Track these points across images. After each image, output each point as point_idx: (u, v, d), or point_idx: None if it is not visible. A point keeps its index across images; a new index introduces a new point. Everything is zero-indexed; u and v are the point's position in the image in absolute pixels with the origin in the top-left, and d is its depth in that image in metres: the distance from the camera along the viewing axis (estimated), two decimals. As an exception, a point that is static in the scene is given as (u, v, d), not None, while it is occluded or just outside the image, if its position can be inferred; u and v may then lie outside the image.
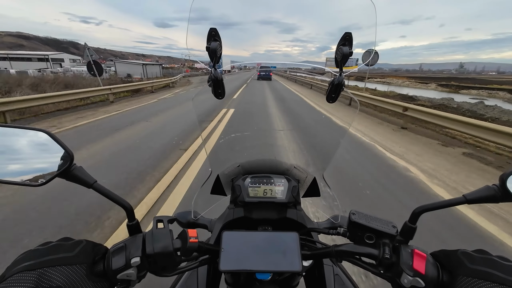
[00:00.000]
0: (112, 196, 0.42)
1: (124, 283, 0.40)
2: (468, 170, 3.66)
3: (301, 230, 0.56)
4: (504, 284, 0.32)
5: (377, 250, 0.44)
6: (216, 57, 0.47)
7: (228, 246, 0.47)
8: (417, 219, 0.43)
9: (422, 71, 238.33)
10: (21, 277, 0.30)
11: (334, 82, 0.50)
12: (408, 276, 0.38)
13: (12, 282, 0.30)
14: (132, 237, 0.43)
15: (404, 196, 2.77)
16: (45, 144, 0.38)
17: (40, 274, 0.31)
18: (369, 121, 6.94)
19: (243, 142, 4.56)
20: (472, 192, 0.40)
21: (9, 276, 0.31)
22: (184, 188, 2.75)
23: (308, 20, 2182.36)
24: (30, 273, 0.31)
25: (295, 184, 0.61)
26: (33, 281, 0.30)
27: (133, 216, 0.44)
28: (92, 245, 0.40)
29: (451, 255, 0.39)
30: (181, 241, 0.44)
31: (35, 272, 0.31)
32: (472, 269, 0.35)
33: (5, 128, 0.38)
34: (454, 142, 5.11)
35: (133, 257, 0.39)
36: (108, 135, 4.83)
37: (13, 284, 0.30)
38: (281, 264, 0.45)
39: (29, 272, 0.31)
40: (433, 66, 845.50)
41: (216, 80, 0.50)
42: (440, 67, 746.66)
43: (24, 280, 0.30)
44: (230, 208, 0.61)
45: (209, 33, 0.46)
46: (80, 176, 0.40)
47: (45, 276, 0.32)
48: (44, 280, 0.31)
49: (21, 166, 0.37)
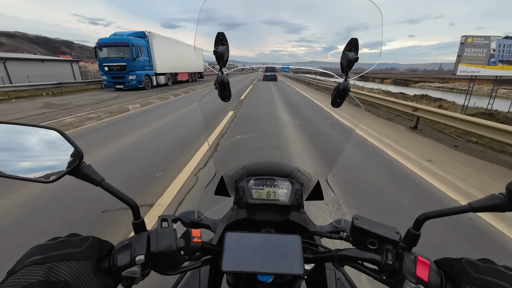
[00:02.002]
0: (119, 195, 0.43)
1: (129, 280, 0.41)
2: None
3: (303, 233, 0.56)
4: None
5: (379, 256, 0.43)
6: (223, 61, 0.48)
7: (230, 247, 0.47)
8: (421, 226, 0.43)
9: (442, 71, 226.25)
10: (31, 270, 0.32)
11: (340, 87, 0.51)
12: (411, 283, 0.38)
13: (22, 274, 0.31)
14: (137, 235, 0.44)
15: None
16: (56, 142, 0.39)
17: (48, 268, 0.32)
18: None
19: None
20: (478, 200, 0.39)
21: (20, 269, 0.32)
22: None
23: (314, 20, 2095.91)
24: (39, 267, 0.32)
25: (299, 187, 0.61)
26: (42, 275, 0.31)
27: (139, 214, 0.45)
28: (98, 242, 0.41)
29: (455, 263, 0.38)
30: (185, 241, 0.45)
31: (44, 266, 0.32)
32: (476, 278, 0.34)
33: (17, 126, 0.40)
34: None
35: (137, 254, 0.40)
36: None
37: (23, 277, 0.31)
38: (283, 266, 0.45)
39: (38, 265, 0.32)
40: (450, 66, 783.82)
41: (222, 83, 0.50)
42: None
43: (34, 273, 0.31)
44: (233, 209, 0.62)
45: (216, 37, 0.47)
46: (89, 174, 0.41)
47: (53, 270, 0.33)
48: (52, 273, 0.32)
49: (33, 163, 0.38)
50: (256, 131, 5.19)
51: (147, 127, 5.65)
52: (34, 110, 7.99)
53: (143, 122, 6.20)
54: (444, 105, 13.70)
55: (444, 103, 14.78)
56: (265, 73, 26.63)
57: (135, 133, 5.16)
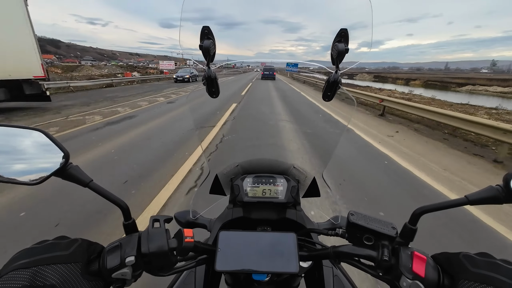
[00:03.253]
0: (108, 195, 0.42)
1: (119, 282, 0.40)
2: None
3: (300, 230, 0.55)
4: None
5: (375, 252, 0.43)
6: (209, 56, 0.47)
7: (224, 246, 0.46)
8: (418, 220, 0.42)
9: (448, 70, 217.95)
10: (16, 275, 0.31)
11: (330, 80, 0.49)
12: (407, 279, 0.37)
13: (6, 279, 0.30)
14: (127, 236, 0.43)
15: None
16: (41, 143, 0.38)
17: (34, 272, 0.32)
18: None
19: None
20: (475, 192, 0.38)
21: (4, 274, 0.31)
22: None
23: (313, 19, 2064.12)
24: (25, 271, 0.31)
25: (295, 184, 0.60)
26: (27, 279, 0.31)
27: (129, 215, 0.44)
28: (87, 244, 0.40)
29: (453, 258, 0.38)
30: (177, 241, 0.44)
31: (29, 270, 0.32)
32: (474, 273, 0.33)
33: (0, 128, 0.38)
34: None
35: (127, 256, 0.39)
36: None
37: (7, 281, 0.30)
38: (278, 265, 0.44)
39: (24, 270, 0.31)
40: (459, 64, 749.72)
41: (210, 79, 0.49)
42: (466, 66, 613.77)
43: (19, 278, 0.31)
44: (229, 208, 0.61)
45: (202, 31, 0.46)
46: (76, 175, 0.40)
47: (39, 274, 0.32)
48: (38, 278, 0.31)
49: (17, 165, 0.37)
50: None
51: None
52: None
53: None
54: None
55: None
56: (264, 72, 28.23)
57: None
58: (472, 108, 10.56)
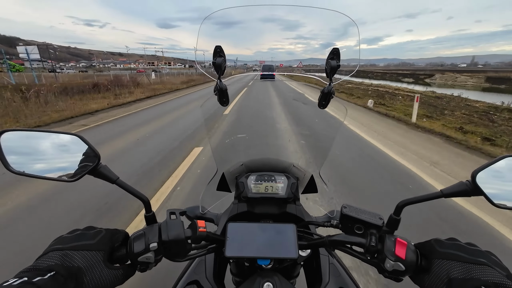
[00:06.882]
0: (132, 191, 0.48)
1: (144, 265, 0.46)
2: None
3: (299, 223, 0.61)
4: (468, 262, 0.38)
5: (365, 239, 0.49)
6: (221, 71, 0.53)
7: (232, 235, 0.52)
8: (401, 211, 0.48)
9: (474, 64, 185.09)
10: (51, 255, 0.39)
11: (325, 91, 0.56)
12: (390, 261, 0.43)
13: (44, 258, 0.38)
14: (149, 226, 0.49)
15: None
16: (77, 146, 0.44)
17: (65, 254, 0.39)
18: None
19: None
20: (448, 187, 0.45)
21: (45, 253, 0.40)
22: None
23: (311, 16, 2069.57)
24: (58, 252, 0.39)
25: (294, 181, 0.66)
26: (59, 259, 0.38)
27: (150, 208, 0.50)
28: (110, 234, 0.46)
29: (426, 243, 0.45)
30: (192, 231, 0.50)
31: (62, 252, 0.39)
32: (441, 252, 0.41)
33: (43, 133, 0.45)
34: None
35: (151, 242, 0.45)
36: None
37: (45, 259, 0.38)
38: (279, 251, 0.51)
39: (58, 251, 0.39)
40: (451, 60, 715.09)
41: (221, 90, 0.56)
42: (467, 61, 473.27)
43: (54, 257, 0.38)
44: (234, 204, 0.66)
45: (214, 50, 0.53)
46: (105, 174, 0.46)
47: (69, 257, 0.39)
48: (67, 259, 0.39)
49: (57, 165, 0.44)
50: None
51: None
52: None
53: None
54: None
55: None
56: (263, 72, 25.87)
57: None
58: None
